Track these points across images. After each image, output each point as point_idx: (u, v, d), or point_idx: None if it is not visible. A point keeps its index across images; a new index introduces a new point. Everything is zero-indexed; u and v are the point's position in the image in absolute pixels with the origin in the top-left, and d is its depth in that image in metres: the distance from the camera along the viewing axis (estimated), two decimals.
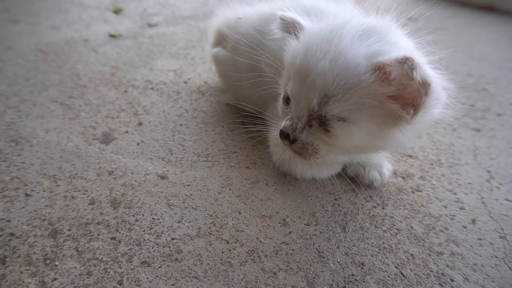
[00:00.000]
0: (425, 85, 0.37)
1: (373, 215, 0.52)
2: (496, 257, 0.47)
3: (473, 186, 0.60)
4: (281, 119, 0.48)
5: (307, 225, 0.50)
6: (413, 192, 0.57)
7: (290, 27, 0.48)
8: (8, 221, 0.48)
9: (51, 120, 0.69)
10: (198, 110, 0.75)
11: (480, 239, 0.50)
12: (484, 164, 0.66)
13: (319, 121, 0.43)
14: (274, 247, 0.46)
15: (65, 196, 0.52)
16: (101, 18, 1.26)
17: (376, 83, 0.39)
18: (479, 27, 1.54)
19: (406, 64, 0.36)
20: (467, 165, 0.65)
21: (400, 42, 0.43)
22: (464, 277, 0.44)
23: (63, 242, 0.45)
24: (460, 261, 0.46)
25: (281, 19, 0.49)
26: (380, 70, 0.39)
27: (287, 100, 0.46)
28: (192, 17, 1.33)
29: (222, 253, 0.45)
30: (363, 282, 0.43)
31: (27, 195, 0.52)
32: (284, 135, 0.44)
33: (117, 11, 1.35)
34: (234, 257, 0.45)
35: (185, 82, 0.86)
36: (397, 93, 0.38)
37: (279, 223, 0.50)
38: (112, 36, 1.11)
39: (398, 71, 0.37)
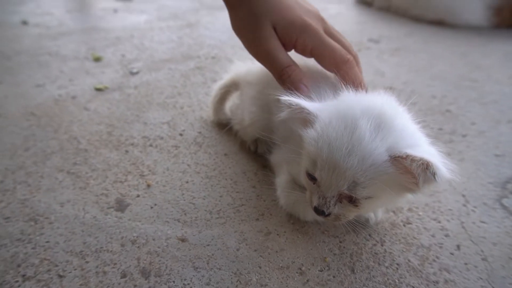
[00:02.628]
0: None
1: (375, 253, 0.60)
2: (481, 279, 0.56)
3: (453, 212, 0.69)
4: (308, 191, 0.55)
5: (321, 271, 0.57)
6: (404, 225, 0.66)
7: (299, 113, 0.52)
8: None
9: (63, 192, 0.72)
10: (200, 164, 0.81)
11: (466, 264, 0.59)
12: (458, 188, 0.76)
13: (349, 199, 0.51)
14: None
15: (96, 272, 0.56)
16: (82, 70, 1.29)
17: (398, 172, 0.46)
18: (433, 44, 1.69)
19: (428, 170, 0.43)
20: (445, 191, 0.75)
21: (408, 128, 0.50)
22: None
23: None
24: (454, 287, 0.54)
25: (288, 105, 0.53)
26: (399, 163, 0.46)
27: (310, 177, 0.52)
28: (171, 60, 1.38)
29: None
30: None
31: (60, 276, 0.55)
32: (319, 212, 0.52)
33: (97, 60, 1.38)
34: None
35: (181, 135, 0.92)
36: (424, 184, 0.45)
37: (296, 272, 0.56)
38: (98, 89, 1.15)
39: (423, 176, 0.44)
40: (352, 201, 0.50)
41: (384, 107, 0.50)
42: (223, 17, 1.97)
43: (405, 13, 2.12)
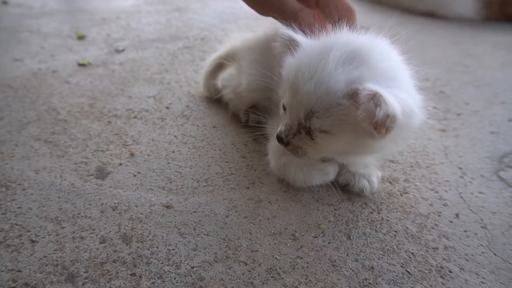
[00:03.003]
0: (389, 118, 0.42)
1: (371, 220, 0.57)
2: (481, 245, 0.53)
3: (450, 183, 0.66)
4: (281, 123, 0.54)
5: (315, 237, 0.53)
6: (401, 195, 0.63)
7: (289, 44, 0.53)
8: (19, 271, 0.47)
9: (39, 159, 0.67)
10: (187, 135, 0.77)
11: (466, 231, 0.56)
12: (455, 161, 0.73)
13: (306, 130, 0.50)
14: (290, 262, 0.49)
15: (73, 237, 0.51)
16: (64, 47, 1.23)
17: (352, 107, 0.45)
18: (425, 33, 1.68)
19: (373, 100, 0.41)
20: (441, 164, 0.72)
21: (380, 67, 0.47)
22: (460, 267, 0.50)
23: (83, 285, 0.45)
24: (454, 254, 0.52)
25: (281, 36, 0.54)
26: (354, 98, 0.44)
27: (284, 108, 0.53)
28: (158, 39, 1.34)
29: (243, 274, 0.47)
30: (376, 284, 0.47)
31: (32, 241, 0.51)
32: (279, 139, 0.52)
33: (80, 38, 1.33)
34: (255, 277, 0.47)
35: (167, 108, 0.87)
36: (368, 118, 0.43)
37: (289, 238, 0.53)
38: (81, 64, 1.09)
39: (365, 105, 0.42)
40: (309, 132, 0.50)
41: (365, 45, 0.48)
42: (214, 3, 1.93)
43: (396, 5, 2.11)
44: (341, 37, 0.51)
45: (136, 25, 1.49)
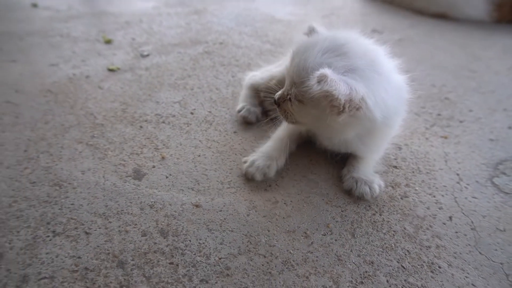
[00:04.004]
0: (329, 97, 0.54)
1: (374, 221, 0.65)
2: (469, 245, 0.61)
3: (447, 188, 0.74)
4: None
5: (324, 235, 0.62)
6: (402, 199, 0.71)
7: (310, 31, 0.67)
8: (79, 257, 0.57)
9: (83, 161, 0.77)
10: (210, 140, 0.86)
11: (456, 232, 0.64)
12: (453, 168, 0.81)
13: (290, 98, 0.63)
14: (302, 256, 0.58)
15: (119, 231, 0.61)
16: (94, 51, 1.33)
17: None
18: (435, 36, 1.72)
19: (318, 78, 0.53)
20: (440, 170, 0.80)
21: (352, 59, 0.58)
22: (448, 264, 0.58)
23: (131, 270, 0.55)
24: (444, 252, 0.60)
25: (309, 27, 0.69)
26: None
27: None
28: (180, 44, 1.42)
29: (262, 265, 0.56)
30: (375, 276, 0.55)
31: (86, 233, 0.61)
32: (274, 101, 0.67)
33: (107, 42, 1.42)
34: (272, 268, 0.56)
35: (192, 113, 0.96)
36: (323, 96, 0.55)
37: (302, 236, 0.62)
38: (111, 70, 1.19)
39: (314, 83, 0.54)
40: (290, 99, 0.63)
41: (349, 42, 0.60)
42: (230, 5, 2.00)
43: (408, 6, 2.14)
44: (339, 33, 0.63)
45: (158, 29, 1.58)
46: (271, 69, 0.97)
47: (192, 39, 1.48)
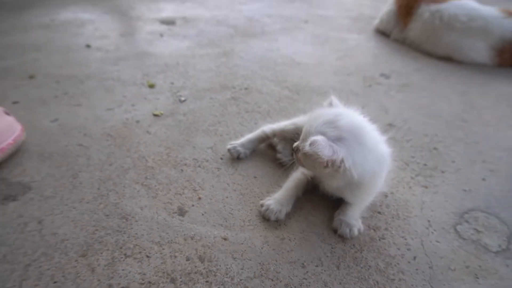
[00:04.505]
0: (315, 156, 0.78)
1: (355, 257, 0.88)
2: (425, 280, 0.83)
3: (417, 233, 0.96)
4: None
5: (316, 266, 0.85)
6: (379, 240, 0.93)
7: (330, 104, 0.93)
8: (144, 274, 0.82)
9: (140, 199, 1.03)
10: (236, 183, 1.11)
11: (417, 269, 0.86)
12: (426, 215, 1.02)
13: (299, 149, 0.86)
14: (299, 281, 0.82)
15: (170, 255, 0.86)
16: (140, 96, 1.61)
17: None
18: (438, 81, 1.91)
19: (311, 142, 0.77)
20: (415, 216, 1.01)
21: (342, 131, 0.82)
22: None
23: (180, 285, 0.80)
24: (404, 284, 0.82)
25: (329, 100, 0.94)
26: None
27: None
28: (211, 89, 1.69)
29: (270, 286, 0.80)
30: None
31: (147, 256, 0.86)
32: (292, 148, 0.92)
33: (151, 86, 1.71)
34: None
35: (221, 159, 1.22)
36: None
37: (300, 266, 0.85)
38: (155, 115, 1.46)
39: (307, 145, 0.78)
40: (300, 151, 0.86)
41: (342, 118, 0.84)
42: (255, 45, 2.26)
43: (418, 47, 2.34)
44: (341, 110, 0.88)
45: (193, 72, 1.86)
46: (284, 124, 1.21)
47: (221, 84, 1.74)
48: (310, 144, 0.77)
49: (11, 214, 0.96)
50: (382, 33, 2.65)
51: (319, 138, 0.78)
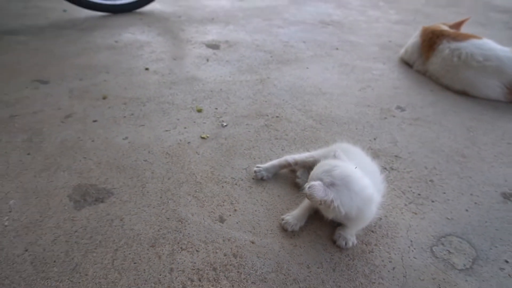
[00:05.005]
0: (311, 196, 1.07)
1: (348, 264, 1.19)
2: (398, 285, 1.12)
3: (400, 250, 1.24)
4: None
5: (318, 268, 1.17)
6: (369, 253, 1.23)
7: (336, 156, 1.21)
8: (194, 263, 1.17)
9: (191, 207, 1.39)
10: (263, 200, 1.44)
11: (393, 277, 1.15)
12: (410, 236, 1.30)
13: None
14: (304, 277, 1.13)
15: (212, 251, 1.21)
16: (190, 119, 1.98)
17: None
18: (449, 116, 2.13)
19: (309, 186, 1.07)
20: (401, 237, 1.30)
21: (335, 179, 1.11)
22: None
23: (219, 273, 1.14)
24: (382, 287, 1.11)
25: (335, 153, 1.23)
26: None
27: None
28: (248, 116, 2.02)
29: (282, 280, 1.13)
30: None
31: (197, 251, 1.21)
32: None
33: (199, 111, 2.07)
34: (288, 282, 1.12)
35: (253, 179, 1.55)
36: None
37: (306, 267, 1.17)
38: (203, 138, 1.82)
39: (306, 188, 1.08)
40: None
41: (338, 168, 1.13)
42: (288, 73, 2.58)
43: (437, 80, 2.57)
44: (339, 163, 1.17)
45: (233, 99, 2.20)
46: (305, 156, 1.53)
47: (257, 111, 2.08)
48: (309, 188, 1.07)
49: (101, 212, 1.35)
50: (405, 63, 2.88)
51: (316, 183, 1.08)
